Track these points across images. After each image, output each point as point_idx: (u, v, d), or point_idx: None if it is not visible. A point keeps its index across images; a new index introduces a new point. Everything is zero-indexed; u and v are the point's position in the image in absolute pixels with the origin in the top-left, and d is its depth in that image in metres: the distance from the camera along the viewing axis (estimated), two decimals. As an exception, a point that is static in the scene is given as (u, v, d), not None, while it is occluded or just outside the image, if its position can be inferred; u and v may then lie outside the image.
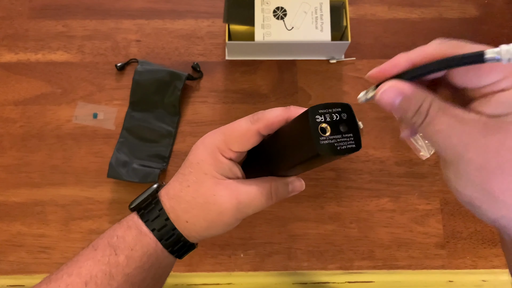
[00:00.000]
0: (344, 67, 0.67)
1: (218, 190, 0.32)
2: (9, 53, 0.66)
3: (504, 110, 0.22)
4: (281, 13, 0.61)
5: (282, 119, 0.32)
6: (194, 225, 0.33)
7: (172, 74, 0.62)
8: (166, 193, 0.35)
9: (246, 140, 0.33)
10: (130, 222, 0.34)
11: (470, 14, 0.70)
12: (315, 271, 0.58)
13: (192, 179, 0.34)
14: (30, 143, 0.62)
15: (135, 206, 0.35)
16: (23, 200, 0.59)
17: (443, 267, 0.58)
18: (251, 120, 0.33)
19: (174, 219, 0.34)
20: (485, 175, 0.22)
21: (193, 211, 0.33)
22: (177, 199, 0.34)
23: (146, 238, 0.33)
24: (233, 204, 0.32)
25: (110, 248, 0.33)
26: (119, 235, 0.33)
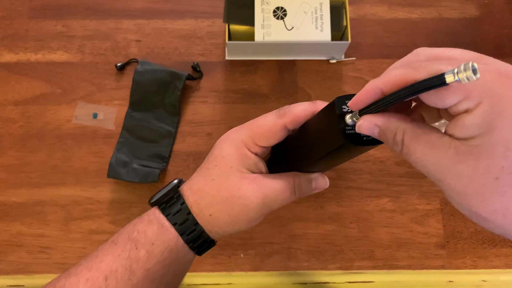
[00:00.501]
0: (344, 67, 0.67)
1: (244, 184, 0.32)
2: (9, 53, 0.66)
3: (470, 133, 0.21)
4: (281, 13, 0.61)
5: (309, 113, 0.32)
6: (218, 219, 0.33)
7: (172, 74, 0.62)
8: (189, 187, 0.34)
9: (273, 134, 0.33)
10: (151, 217, 0.34)
11: (470, 14, 0.70)
12: (315, 271, 0.58)
13: (217, 173, 0.33)
14: (30, 143, 0.62)
15: (156, 200, 0.35)
16: (23, 200, 0.60)
17: (443, 267, 0.58)
18: (277, 114, 0.33)
19: (197, 213, 0.33)
20: (468, 200, 0.22)
21: (218, 205, 0.33)
22: (201, 193, 0.33)
23: (167, 232, 0.33)
24: (259, 198, 0.32)
25: (130, 243, 0.32)
26: (140, 230, 0.33)
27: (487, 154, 0.21)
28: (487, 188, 0.21)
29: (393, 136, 0.24)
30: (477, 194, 0.21)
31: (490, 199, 0.21)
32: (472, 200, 0.22)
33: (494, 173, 0.21)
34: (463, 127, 0.21)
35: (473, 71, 0.19)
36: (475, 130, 0.21)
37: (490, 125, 0.21)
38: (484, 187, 0.21)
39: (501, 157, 0.20)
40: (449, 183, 0.22)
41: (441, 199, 0.61)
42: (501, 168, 0.21)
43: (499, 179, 0.21)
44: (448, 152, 0.22)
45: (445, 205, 0.60)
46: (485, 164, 0.21)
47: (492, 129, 0.21)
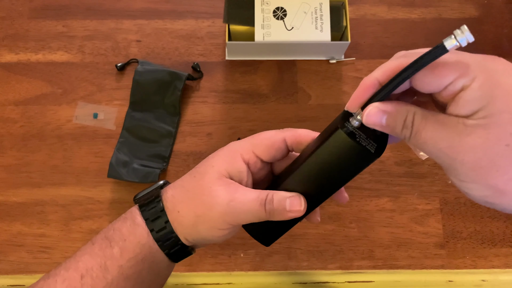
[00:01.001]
0: (344, 67, 0.67)
1: (216, 184, 0.32)
2: (10, 53, 0.66)
3: (473, 107, 0.22)
4: (281, 13, 0.61)
5: (310, 138, 0.32)
6: (183, 217, 0.32)
7: (172, 74, 0.62)
8: (173, 184, 0.35)
9: (271, 144, 0.32)
10: (127, 214, 0.34)
11: (470, 14, 0.70)
12: (315, 271, 0.58)
13: (200, 170, 0.33)
14: (31, 143, 0.62)
15: (137, 198, 0.35)
16: (23, 200, 0.60)
17: (443, 267, 0.58)
18: (279, 130, 0.33)
19: (170, 208, 0.33)
20: (483, 174, 0.22)
21: (187, 201, 0.32)
22: (180, 188, 0.34)
23: (139, 228, 0.33)
24: (225, 200, 0.31)
25: (106, 241, 0.33)
26: (116, 228, 0.33)
27: (495, 123, 0.21)
28: (501, 156, 0.21)
29: (403, 120, 0.24)
30: (492, 164, 0.22)
31: (505, 166, 0.21)
32: (488, 172, 0.22)
33: (505, 139, 0.21)
34: (465, 103, 0.22)
35: (468, 34, 0.21)
36: (477, 103, 0.21)
37: (490, 96, 0.21)
38: (498, 156, 0.21)
39: (509, 123, 0.21)
40: (462, 159, 0.22)
41: (440, 199, 0.61)
42: (510, 134, 0.21)
43: (510, 145, 0.21)
44: (458, 127, 0.22)
45: (445, 205, 0.61)
46: (495, 133, 0.21)
47: (493, 99, 0.21)
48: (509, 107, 0.21)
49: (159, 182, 0.36)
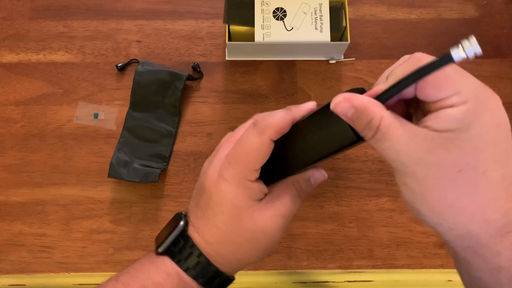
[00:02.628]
0: (343, 68, 0.67)
1: (259, 217, 0.32)
2: (10, 53, 0.66)
3: (450, 126, 0.22)
4: (281, 13, 0.61)
5: (289, 121, 0.31)
6: (247, 259, 0.33)
7: (172, 75, 0.63)
8: (202, 238, 0.33)
9: (263, 153, 0.31)
10: (169, 268, 0.32)
11: (469, 14, 0.71)
12: (314, 270, 0.58)
13: (228, 217, 0.32)
14: (31, 143, 0.62)
15: (166, 250, 0.33)
16: (24, 200, 0.60)
17: (442, 267, 0.58)
18: (258, 131, 0.31)
19: (222, 262, 0.32)
20: (425, 187, 0.23)
21: (243, 248, 0.32)
22: (220, 244, 0.32)
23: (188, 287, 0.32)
24: (278, 221, 0.32)
25: None
26: (156, 281, 0.31)
27: (459, 148, 0.22)
28: (448, 179, 0.22)
29: (368, 120, 0.24)
30: (436, 182, 0.23)
31: (446, 189, 0.23)
32: (430, 189, 0.23)
33: (459, 166, 0.22)
34: (445, 120, 0.23)
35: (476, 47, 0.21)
36: (455, 124, 0.22)
37: (468, 123, 0.22)
38: (446, 178, 0.22)
39: (470, 154, 0.22)
40: (414, 170, 0.23)
41: (440, 199, 0.61)
42: (466, 164, 0.22)
43: (462, 172, 0.22)
44: (424, 142, 0.23)
45: (444, 205, 0.61)
46: (454, 157, 0.22)
47: (469, 127, 0.22)
48: (478, 140, 0.22)
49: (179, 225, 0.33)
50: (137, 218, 0.59)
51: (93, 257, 0.58)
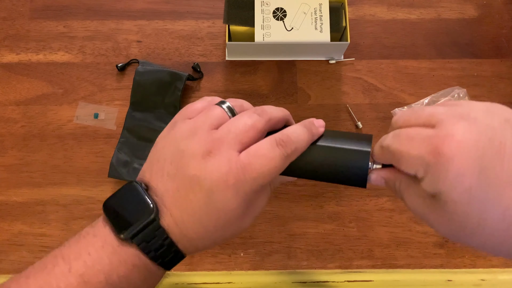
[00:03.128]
0: (343, 68, 0.67)
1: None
2: (11, 53, 0.66)
3: (430, 192, 0.26)
4: (280, 14, 0.61)
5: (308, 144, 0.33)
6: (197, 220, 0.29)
7: (172, 75, 0.63)
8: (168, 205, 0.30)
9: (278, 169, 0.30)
10: (135, 260, 0.29)
11: (469, 14, 0.71)
12: (314, 270, 0.58)
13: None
14: (32, 143, 0.62)
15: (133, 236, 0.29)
16: (24, 200, 0.60)
17: (442, 266, 0.58)
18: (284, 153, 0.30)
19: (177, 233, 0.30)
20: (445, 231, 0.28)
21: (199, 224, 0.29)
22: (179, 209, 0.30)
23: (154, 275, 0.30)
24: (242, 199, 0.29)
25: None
26: (121, 275, 0.28)
27: (442, 209, 0.26)
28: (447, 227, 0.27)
29: (393, 185, 0.30)
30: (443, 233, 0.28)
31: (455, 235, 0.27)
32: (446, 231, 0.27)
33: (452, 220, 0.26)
34: (426, 188, 0.26)
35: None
36: (431, 191, 0.26)
37: (438, 190, 0.25)
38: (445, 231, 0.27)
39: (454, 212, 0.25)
40: (427, 220, 0.28)
41: (439, 199, 0.61)
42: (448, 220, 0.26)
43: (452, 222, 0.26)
44: (423, 202, 0.27)
45: (444, 205, 0.61)
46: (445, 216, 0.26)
47: (439, 193, 0.25)
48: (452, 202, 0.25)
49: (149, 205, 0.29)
50: (137, 218, 0.59)
51: (93, 257, 0.58)
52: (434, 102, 0.64)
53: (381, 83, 0.66)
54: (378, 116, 0.64)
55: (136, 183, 0.30)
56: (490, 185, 0.23)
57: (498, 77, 0.67)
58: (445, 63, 0.68)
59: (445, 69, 0.67)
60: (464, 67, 0.67)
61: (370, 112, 0.65)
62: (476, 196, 0.23)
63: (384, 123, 0.64)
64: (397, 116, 0.30)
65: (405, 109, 0.63)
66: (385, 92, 0.66)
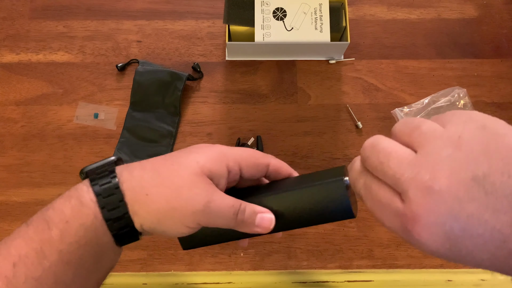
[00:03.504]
0: (343, 68, 0.67)
1: (199, 181, 0.30)
2: (11, 53, 0.66)
3: None
4: (280, 14, 0.61)
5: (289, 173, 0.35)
6: (152, 203, 0.30)
7: (172, 75, 0.63)
8: (140, 164, 0.32)
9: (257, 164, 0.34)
10: (72, 192, 0.30)
11: (469, 14, 0.71)
12: (314, 270, 0.58)
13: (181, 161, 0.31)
14: (31, 143, 0.62)
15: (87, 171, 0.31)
16: (24, 200, 0.60)
17: (442, 266, 0.58)
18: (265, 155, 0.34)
19: (135, 188, 0.30)
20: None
21: (161, 187, 0.30)
22: (151, 171, 0.31)
23: (84, 209, 0.29)
24: (204, 200, 0.30)
25: (43, 222, 0.29)
26: (56, 207, 0.30)
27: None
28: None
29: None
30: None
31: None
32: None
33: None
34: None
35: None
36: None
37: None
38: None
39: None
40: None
41: (440, 199, 0.61)
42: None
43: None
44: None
45: (444, 205, 0.61)
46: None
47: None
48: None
49: (110, 157, 0.33)
50: (137, 218, 0.59)
51: (93, 257, 0.58)
52: (434, 102, 0.63)
53: (381, 83, 0.66)
54: (378, 116, 0.64)
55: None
56: (461, 255, 0.23)
57: (498, 77, 0.67)
58: (445, 63, 0.68)
59: (445, 69, 0.67)
60: (464, 67, 0.67)
61: (370, 112, 0.65)
62: (452, 258, 0.24)
63: (384, 123, 0.64)
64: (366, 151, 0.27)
65: (405, 110, 0.63)
66: (385, 92, 0.65)
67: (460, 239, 0.23)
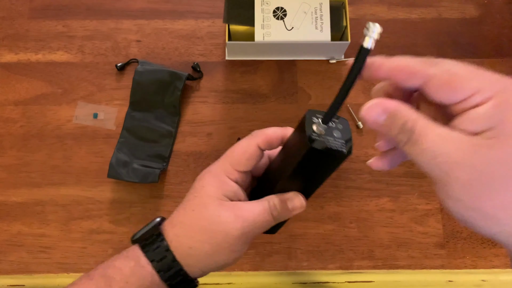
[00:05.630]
0: (343, 67, 0.67)
1: (222, 211, 0.32)
2: (10, 53, 0.66)
3: (482, 126, 0.21)
4: (281, 13, 0.61)
5: (279, 135, 0.33)
6: (198, 250, 0.32)
7: (172, 74, 0.62)
8: (170, 221, 0.34)
9: (249, 156, 0.33)
10: (129, 253, 0.33)
11: (470, 14, 0.70)
12: (315, 271, 0.58)
13: (196, 202, 0.33)
14: (31, 143, 0.62)
15: (137, 238, 0.34)
16: (23, 200, 0.60)
17: (443, 267, 0.58)
18: (249, 137, 0.34)
19: (177, 246, 0.32)
20: (473, 193, 0.21)
21: (197, 236, 0.32)
22: (181, 225, 0.33)
23: (142, 270, 0.32)
24: (239, 224, 0.32)
25: (104, 280, 0.32)
26: (116, 266, 0.32)
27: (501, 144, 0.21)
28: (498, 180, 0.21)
29: (402, 123, 0.23)
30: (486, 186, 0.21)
31: (499, 190, 0.21)
32: (480, 193, 0.21)
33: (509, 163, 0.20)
34: (476, 120, 0.21)
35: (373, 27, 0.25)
36: (488, 122, 0.21)
37: (503, 117, 0.21)
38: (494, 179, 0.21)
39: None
40: (457, 176, 0.21)
41: (440, 199, 0.61)
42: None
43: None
44: (461, 143, 0.21)
45: (445, 205, 0.61)
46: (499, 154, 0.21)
47: (504, 121, 0.21)
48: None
49: (155, 220, 0.35)
50: (137, 218, 0.59)
51: (93, 257, 0.58)
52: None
53: (382, 83, 0.66)
54: (378, 116, 0.64)
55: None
56: None
57: (499, 77, 0.67)
58: (446, 62, 0.67)
59: (446, 68, 0.67)
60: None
61: (370, 112, 0.64)
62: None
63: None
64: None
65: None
66: (385, 92, 0.65)
67: None
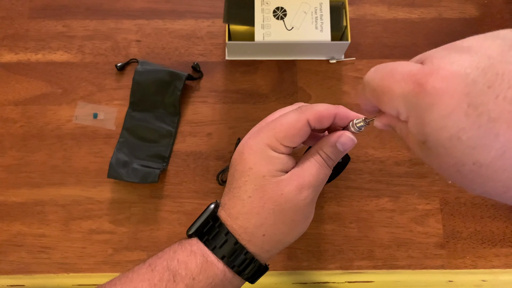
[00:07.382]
0: (344, 67, 0.67)
1: (283, 187, 0.30)
2: (9, 53, 0.66)
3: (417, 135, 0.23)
4: (281, 13, 0.61)
5: (331, 113, 0.31)
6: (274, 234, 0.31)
7: (172, 74, 0.62)
8: (228, 214, 0.32)
9: (297, 131, 0.31)
10: (194, 247, 0.31)
11: (470, 14, 0.70)
12: (314, 271, 0.58)
13: (251, 188, 0.31)
14: (30, 143, 0.62)
15: (195, 231, 0.32)
16: (23, 200, 0.60)
17: (443, 267, 0.58)
18: (299, 111, 0.31)
19: (249, 238, 0.31)
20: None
21: (267, 221, 0.31)
22: (245, 216, 0.31)
23: (212, 267, 0.30)
24: (304, 193, 0.30)
25: (169, 273, 0.30)
26: (181, 260, 0.31)
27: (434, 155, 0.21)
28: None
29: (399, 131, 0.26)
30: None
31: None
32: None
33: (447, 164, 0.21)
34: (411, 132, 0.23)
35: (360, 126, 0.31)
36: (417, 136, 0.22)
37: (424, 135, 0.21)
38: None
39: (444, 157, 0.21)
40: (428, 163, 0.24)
41: (440, 199, 0.61)
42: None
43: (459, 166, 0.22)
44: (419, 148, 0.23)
45: (445, 205, 0.61)
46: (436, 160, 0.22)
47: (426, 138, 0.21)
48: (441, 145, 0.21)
49: (209, 207, 0.33)
50: (137, 218, 0.59)
51: (93, 257, 0.58)
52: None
53: (382, 83, 0.66)
54: (378, 116, 0.64)
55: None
56: (481, 125, 0.18)
57: (499, 77, 0.67)
58: (446, 62, 0.67)
59: (446, 68, 0.67)
60: (465, 66, 0.67)
61: (370, 112, 0.64)
62: (466, 138, 0.19)
63: (384, 123, 0.64)
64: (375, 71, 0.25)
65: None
66: (385, 92, 0.65)
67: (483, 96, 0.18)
